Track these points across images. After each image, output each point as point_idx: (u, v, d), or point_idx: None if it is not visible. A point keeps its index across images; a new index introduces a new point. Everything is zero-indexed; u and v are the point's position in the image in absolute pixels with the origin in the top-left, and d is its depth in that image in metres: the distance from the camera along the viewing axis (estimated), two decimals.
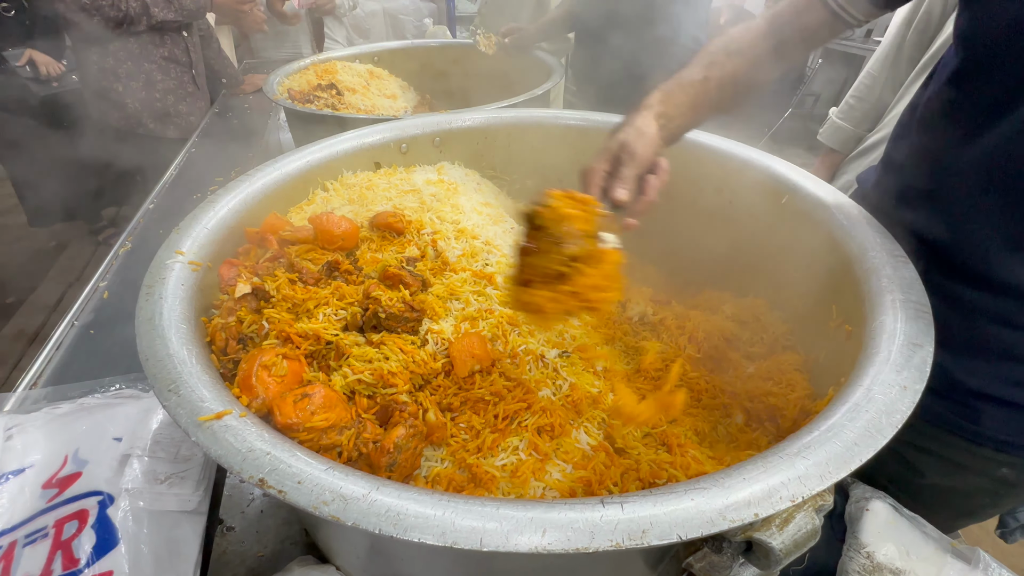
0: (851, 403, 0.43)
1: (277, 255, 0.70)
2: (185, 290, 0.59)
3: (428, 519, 0.34)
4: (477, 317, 0.63)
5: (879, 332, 0.51)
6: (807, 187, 0.76)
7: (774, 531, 0.41)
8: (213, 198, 0.77)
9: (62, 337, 0.90)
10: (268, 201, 0.82)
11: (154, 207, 1.37)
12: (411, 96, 1.94)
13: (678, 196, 0.82)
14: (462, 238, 0.77)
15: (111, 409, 0.69)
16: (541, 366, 0.60)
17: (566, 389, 0.60)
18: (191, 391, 0.44)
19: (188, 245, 0.66)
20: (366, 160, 0.99)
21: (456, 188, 0.92)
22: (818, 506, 0.44)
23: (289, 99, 1.47)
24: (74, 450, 0.64)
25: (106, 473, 0.62)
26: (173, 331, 0.52)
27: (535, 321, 0.53)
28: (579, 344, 0.69)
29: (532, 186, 1.13)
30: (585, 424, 0.58)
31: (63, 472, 0.62)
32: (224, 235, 0.72)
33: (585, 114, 1.07)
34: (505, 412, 0.52)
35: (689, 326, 0.78)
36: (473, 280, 0.69)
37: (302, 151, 0.93)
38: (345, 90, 1.65)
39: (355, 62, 1.86)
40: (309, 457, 0.39)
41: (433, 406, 0.51)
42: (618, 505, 0.35)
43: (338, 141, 0.97)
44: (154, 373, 0.46)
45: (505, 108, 1.16)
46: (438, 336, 0.58)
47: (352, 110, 1.56)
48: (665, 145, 0.68)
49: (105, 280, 1.05)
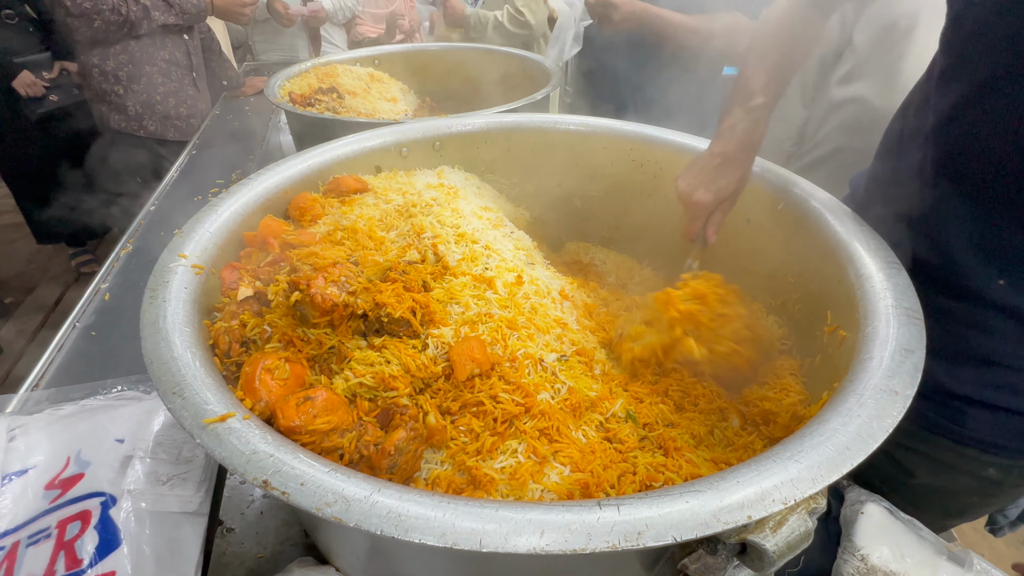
0: (844, 408, 0.44)
1: (278, 259, 0.71)
2: (188, 293, 0.60)
3: (429, 520, 0.35)
4: (477, 321, 0.64)
5: (872, 337, 0.52)
6: (801, 193, 0.76)
7: (768, 533, 0.42)
8: (215, 202, 0.77)
9: (64, 339, 0.91)
10: (269, 204, 0.83)
11: (155, 209, 1.38)
12: (412, 99, 1.95)
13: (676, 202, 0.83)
14: (462, 242, 0.78)
15: (113, 411, 0.70)
16: (540, 370, 0.61)
17: (564, 393, 0.61)
18: (195, 394, 0.44)
19: (191, 248, 0.67)
20: (367, 164, 1.00)
21: (456, 192, 0.93)
22: (811, 508, 0.44)
23: (290, 102, 1.48)
24: (76, 451, 0.65)
25: (108, 474, 0.62)
26: (177, 334, 0.52)
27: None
28: (578, 348, 0.70)
29: (531, 190, 1.14)
30: (583, 427, 0.58)
31: (66, 473, 0.63)
32: (226, 238, 0.73)
33: (584, 119, 1.08)
34: (504, 415, 0.53)
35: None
36: (473, 284, 0.70)
37: (303, 155, 0.93)
38: (346, 93, 1.66)
39: (356, 65, 1.87)
40: (312, 459, 0.40)
41: (433, 409, 0.52)
42: (614, 507, 0.36)
43: (339, 145, 0.98)
44: (159, 376, 0.46)
45: (505, 112, 1.17)
46: (438, 340, 0.59)
47: (353, 113, 1.57)
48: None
49: (107, 282, 1.06)
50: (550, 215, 1.16)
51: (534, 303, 0.73)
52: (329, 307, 0.54)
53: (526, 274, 0.78)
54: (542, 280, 0.82)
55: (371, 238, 0.78)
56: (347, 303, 0.55)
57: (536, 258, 0.93)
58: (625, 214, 1.10)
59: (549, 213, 1.16)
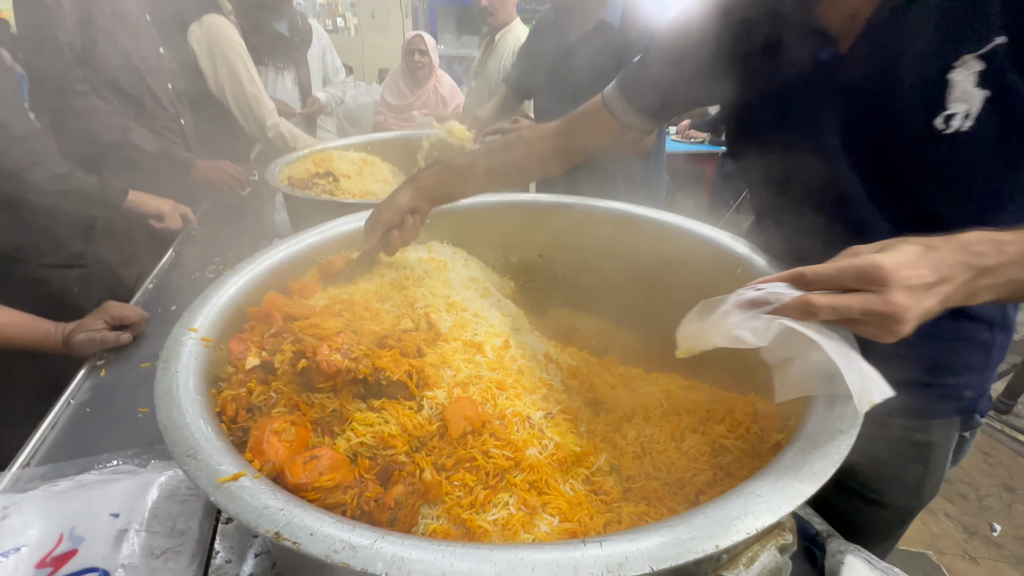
0: (796, 447, 0.49)
1: (281, 330, 0.76)
2: (198, 364, 0.65)
3: (429, 563, 0.38)
4: (468, 383, 0.69)
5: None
6: (755, 259, 0.86)
7: (741, 569, 0.45)
8: (222, 279, 0.83)
9: (58, 416, 0.92)
10: (272, 280, 0.90)
11: (152, 287, 1.43)
12: (401, 180, 2.09)
13: (651, 269, 0.92)
14: (452, 311, 0.84)
15: (108, 485, 0.71)
16: (528, 427, 0.65)
17: (551, 448, 0.65)
18: (208, 456, 0.48)
19: (200, 322, 0.72)
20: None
21: (446, 265, 1.01)
22: (780, 545, 0.48)
23: (289, 186, 1.59)
24: (70, 528, 0.65)
25: (103, 549, 0.62)
26: (188, 402, 0.56)
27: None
28: (563, 407, 0.75)
29: (515, 262, 1.23)
30: (571, 481, 0.62)
31: (58, 550, 0.63)
32: (232, 313, 0.79)
33: (560, 197, 1.19)
34: (495, 469, 0.57)
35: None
36: (464, 349, 0.75)
37: (303, 235, 1.01)
38: (341, 176, 1.78)
39: (350, 151, 2.03)
40: (319, 512, 0.43)
41: (429, 466, 0.56)
42: (597, 544, 0.40)
43: (337, 224, 1.06)
44: (173, 440, 0.50)
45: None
46: (433, 401, 0.64)
47: (348, 195, 1.68)
48: (429, 206, 0.97)
49: (103, 359, 1.08)
50: (534, 284, 1.24)
51: (520, 365, 0.79)
52: (333, 372, 0.59)
53: (512, 339, 0.84)
54: (528, 344, 0.88)
55: (367, 309, 0.84)
56: (349, 368, 0.60)
57: (522, 324, 0.99)
58: (603, 282, 1.19)
59: (533, 283, 1.24)
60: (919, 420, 0.86)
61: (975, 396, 0.87)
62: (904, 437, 0.87)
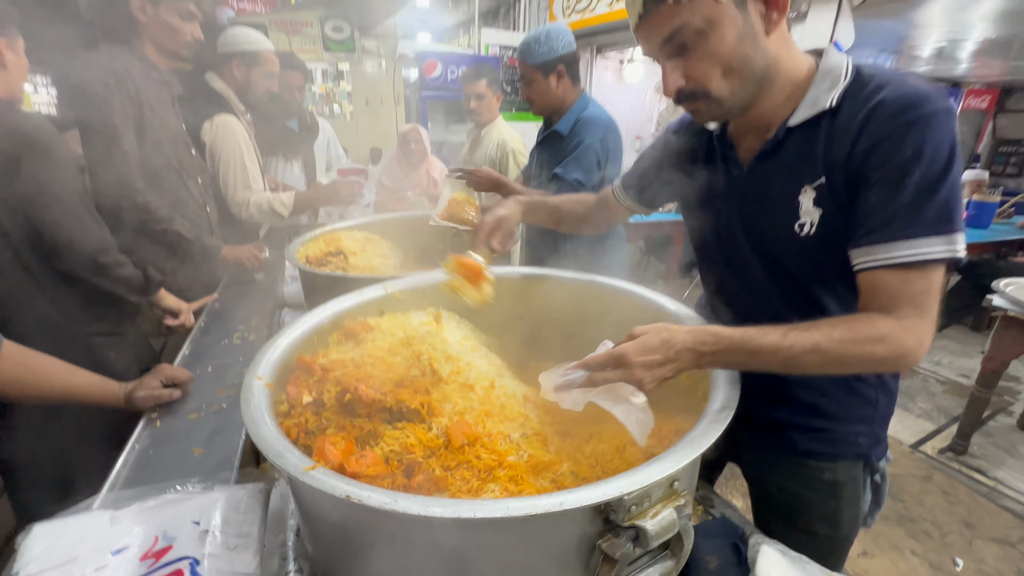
0: (687, 439, 0.74)
1: (321, 378, 1.01)
2: (264, 400, 0.88)
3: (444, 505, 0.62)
4: (463, 412, 0.93)
5: (712, 399, 0.85)
6: (672, 310, 1.15)
7: (648, 519, 0.69)
8: (273, 340, 1.09)
9: (127, 458, 1.13)
10: (306, 342, 1.15)
11: (188, 352, 1.66)
12: (399, 254, 2.40)
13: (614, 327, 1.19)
14: (450, 361, 1.10)
15: (188, 501, 0.92)
16: (508, 442, 0.90)
17: (526, 458, 0.89)
18: (293, 455, 0.71)
19: (262, 371, 0.97)
20: (374, 308, 1.35)
21: (443, 327, 1.27)
22: (676, 504, 0.72)
23: (307, 263, 1.88)
24: (163, 531, 0.85)
25: (192, 544, 0.83)
26: (267, 426, 0.80)
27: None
28: (536, 432, 0.99)
29: (498, 323, 1.49)
30: (540, 480, 0.85)
31: (156, 547, 0.83)
32: (282, 364, 1.03)
33: (533, 269, 1.48)
34: (485, 467, 0.80)
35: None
36: (460, 389, 1.00)
37: (331, 304, 1.28)
38: (348, 253, 2.08)
39: (354, 231, 2.34)
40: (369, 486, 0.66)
41: (438, 466, 0.79)
42: (548, 497, 0.64)
43: (355, 296, 1.33)
44: (266, 448, 0.73)
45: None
46: (439, 424, 0.88)
47: (356, 270, 1.97)
48: (522, 218, 1.38)
49: (155, 412, 1.30)
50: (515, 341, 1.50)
51: (503, 401, 1.03)
52: (370, 401, 0.84)
53: (497, 382, 1.09)
54: (510, 387, 1.13)
55: (383, 362, 1.09)
56: (380, 399, 0.85)
57: (505, 372, 1.25)
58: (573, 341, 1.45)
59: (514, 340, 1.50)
60: (827, 462, 1.09)
61: (870, 444, 1.09)
62: (817, 476, 1.10)
